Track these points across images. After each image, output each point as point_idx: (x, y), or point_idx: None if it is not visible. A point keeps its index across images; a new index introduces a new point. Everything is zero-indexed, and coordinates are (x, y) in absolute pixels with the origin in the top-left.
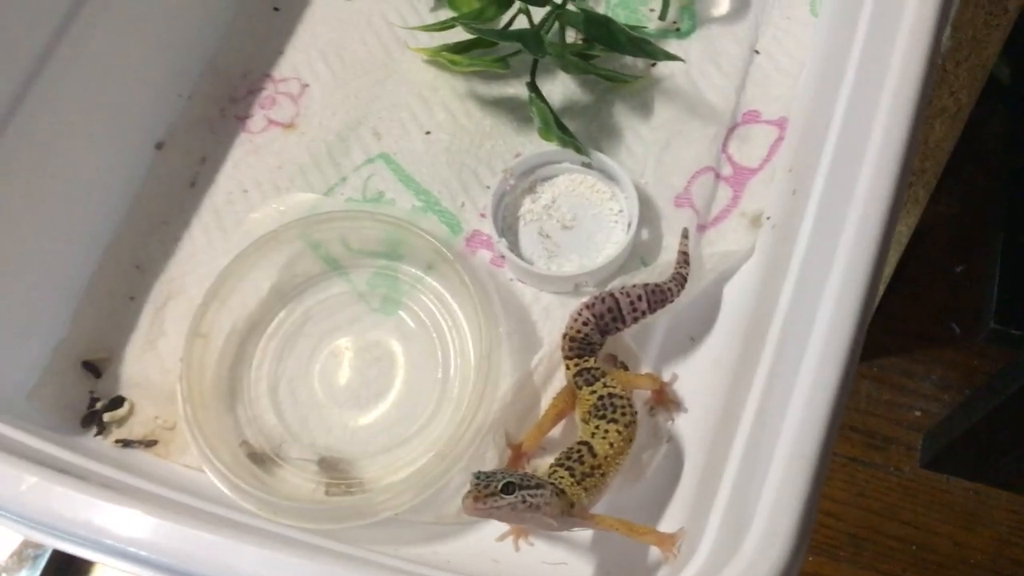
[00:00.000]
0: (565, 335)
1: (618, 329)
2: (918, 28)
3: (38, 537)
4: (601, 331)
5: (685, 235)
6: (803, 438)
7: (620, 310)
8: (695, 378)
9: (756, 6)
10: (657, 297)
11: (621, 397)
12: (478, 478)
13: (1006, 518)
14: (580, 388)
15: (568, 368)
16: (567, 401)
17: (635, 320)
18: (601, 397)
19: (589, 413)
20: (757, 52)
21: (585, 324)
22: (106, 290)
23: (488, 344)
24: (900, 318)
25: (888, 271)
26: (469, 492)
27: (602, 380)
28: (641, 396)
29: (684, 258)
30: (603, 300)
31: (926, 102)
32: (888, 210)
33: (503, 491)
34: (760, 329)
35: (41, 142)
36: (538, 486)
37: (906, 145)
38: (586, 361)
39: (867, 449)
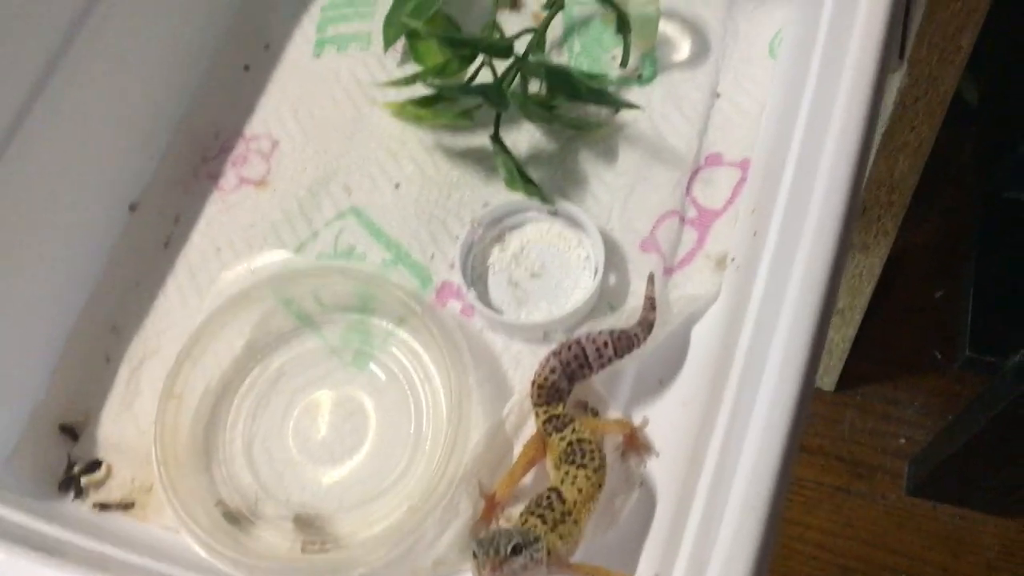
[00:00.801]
0: (534, 383)
1: (585, 376)
2: (861, 66)
3: None
4: (569, 378)
5: (651, 280)
6: (755, 485)
7: (587, 357)
8: (665, 421)
9: (716, 50)
10: (624, 343)
11: (590, 442)
12: (482, 546)
13: (993, 543)
14: (550, 435)
15: (537, 415)
16: (538, 448)
17: (602, 366)
18: (570, 443)
19: (559, 459)
20: (718, 95)
21: (552, 371)
22: (82, 352)
23: (459, 395)
24: (882, 346)
25: (864, 301)
26: (484, 562)
27: (571, 426)
28: (613, 441)
29: (650, 303)
30: (570, 347)
31: (871, 138)
32: (835, 247)
33: (513, 553)
34: (723, 371)
35: (14, 205)
36: (535, 539)
37: (851, 179)
38: (555, 408)
39: (853, 478)
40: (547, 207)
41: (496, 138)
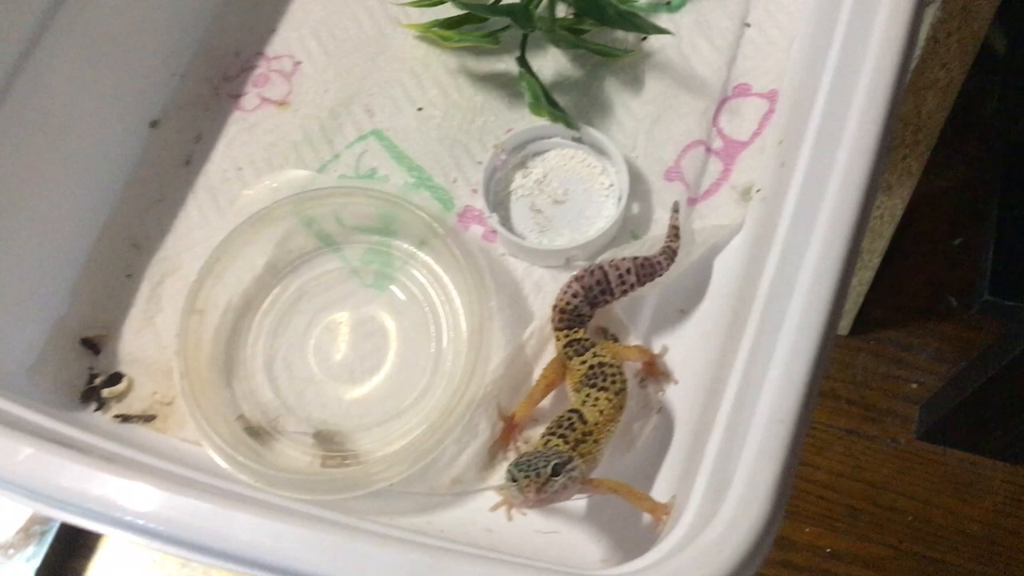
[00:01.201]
0: (555, 307)
1: (607, 302)
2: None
3: (39, 508)
4: (591, 303)
5: (675, 209)
6: (781, 403)
7: (609, 283)
8: (685, 350)
9: None
10: (646, 270)
11: (611, 366)
12: (521, 469)
13: (1002, 488)
14: (571, 359)
15: (558, 339)
16: (557, 372)
17: (624, 293)
18: (592, 367)
19: (580, 382)
20: (748, 25)
21: (575, 296)
22: (103, 268)
23: (480, 318)
24: (897, 291)
25: (883, 244)
26: (526, 486)
27: (592, 350)
28: (632, 368)
29: (674, 232)
30: (592, 273)
31: (905, 73)
32: (867, 180)
33: (553, 474)
34: (746, 301)
35: (35, 122)
36: (569, 459)
37: (885, 114)
38: (576, 332)
39: (864, 422)
40: (571, 133)
41: (522, 60)
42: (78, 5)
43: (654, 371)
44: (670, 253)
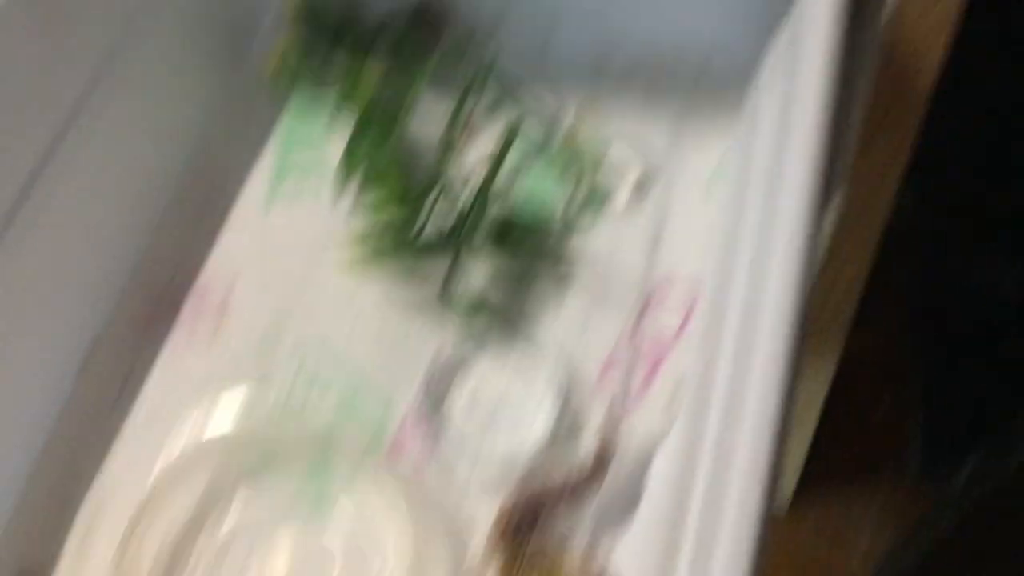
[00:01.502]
0: (494, 528)
1: (544, 517)
2: (798, 198)
3: None
4: (529, 521)
5: (607, 414)
6: None
7: (545, 499)
8: (628, 553)
9: (663, 177)
10: (582, 483)
11: None
12: None
13: None
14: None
15: (498, 561)
16: None
17: (560, 511)
18: None
19: None
20: (664, 228)
21: (512, 516)
22: (34, 513)
23: (416, 548)
24: (831, 461)
25: (815, 414)
26: None
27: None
28: None
29: (607, 438)
30: (527, 491)
31: (811, 269)
32: (785, 375)
33: None
34: (684, 501)
35: None
36: None
37: (795, 312)
38: (518, 548)
39: None
40: (501, 349)
41: (447, 287)
42: (15, 246)
43: None
44: (604, 461)
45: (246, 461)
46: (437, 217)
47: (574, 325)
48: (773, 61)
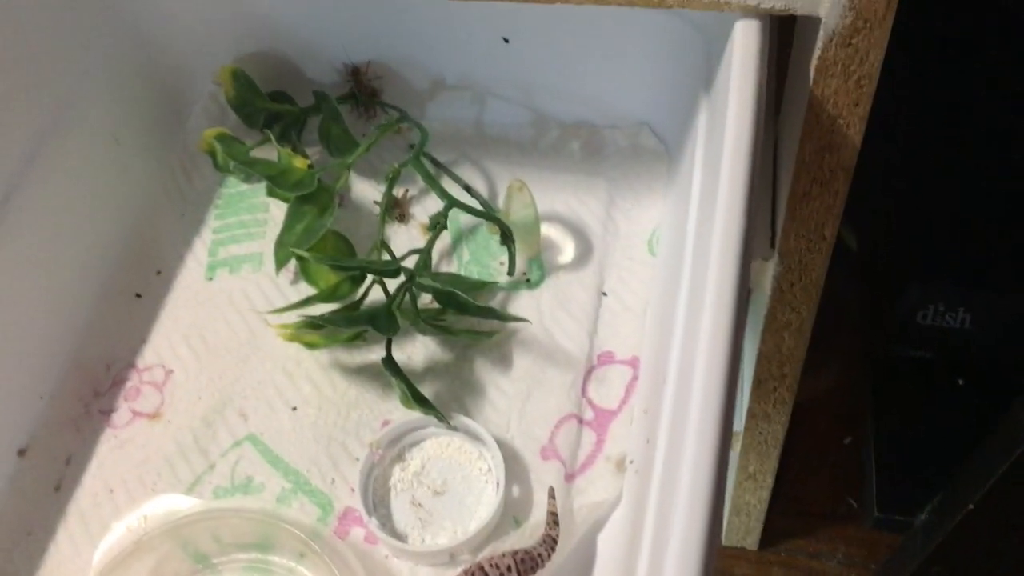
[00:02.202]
0: None
1: None
2: (724, 261)
3: None
4: None
5: (552, 495)
6: None
7: None
8: None
9: (599, 250)
10: (528, 564)
11: None
12: None
13: None
14: None
15: None
16: None
17: None
18: None
19: None
20: (605, 294)
21: None
22: None
23: None
24: (798, 499)
25: (772, 464)
26: None
27: None
28: None
29: (553, 519)
30: (473, 574)
31: (739, 333)
32: (715, 450)
33: None
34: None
35: None
36: None
37: (725, 378)
38: None
39: None
40: (445, 424)
41: (388, 361)
42: None
43: None
44: (550, 542)
45: (191, 544)
46: (375, 289)
47: (517, 401)
48: (701, 124)
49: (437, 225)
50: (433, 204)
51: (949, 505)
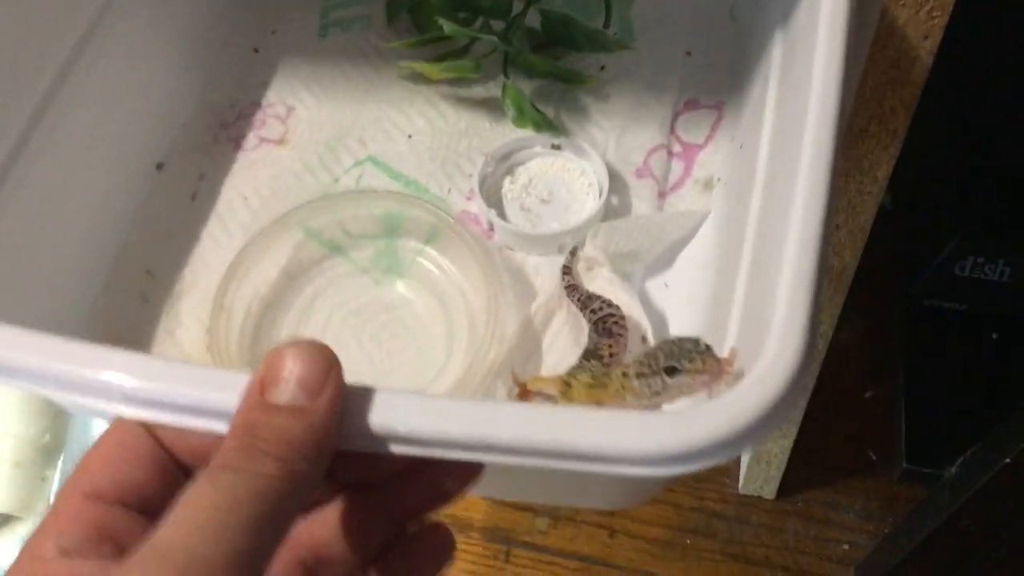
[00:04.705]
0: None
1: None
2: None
3: None
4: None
5: (572, 252)
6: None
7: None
8: (675, 320)
9: (686, 11)
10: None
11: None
12: (684, 354)
13: None
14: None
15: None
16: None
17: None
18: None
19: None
20: (688, 54)
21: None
22: (120, 294)
23: (492, 293)
24: (817, 450)
25: (799, 413)
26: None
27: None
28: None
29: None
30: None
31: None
32: (831, 154)
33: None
34: (732, 264)
35: (52, 167)
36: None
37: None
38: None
39: None
40: (552, 141)
41: (506, 73)
42: (89, 66)
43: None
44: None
45: (323, 234)
46: (488, 25)
47: (613, 134)
48: None
49: None
50: None
51: (983, 458)
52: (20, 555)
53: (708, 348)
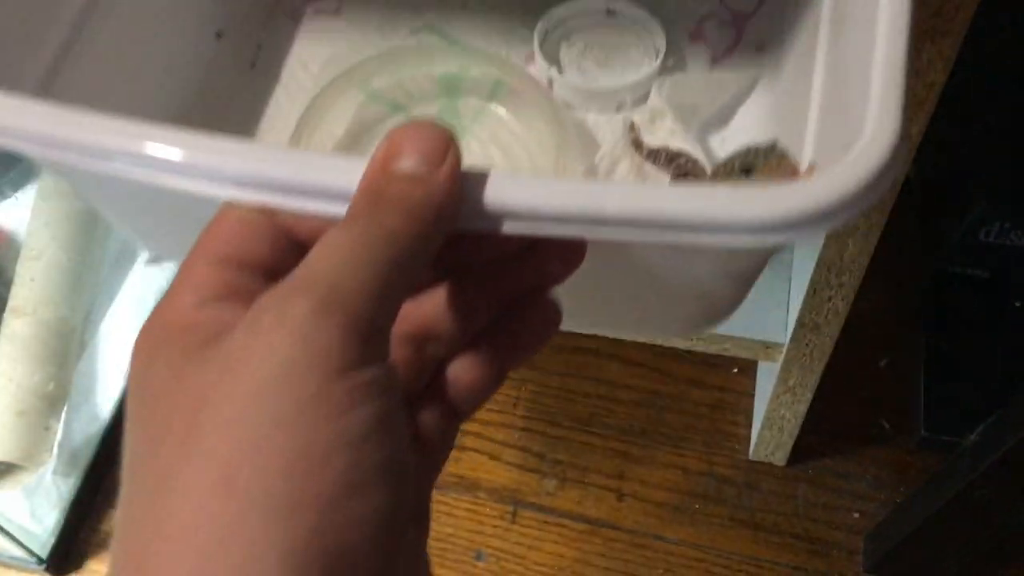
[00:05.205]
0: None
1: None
2: None
3: None
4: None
5: (632, 128)
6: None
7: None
8: None
9: None
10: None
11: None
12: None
13: None
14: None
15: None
16: None
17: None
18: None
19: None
20: None
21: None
22: None
23: (559, 142)
24: (830, 418)
25: (815, 379)
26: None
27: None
28: None
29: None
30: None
31: None
32: None
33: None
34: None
35: (116, 33)
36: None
37: None
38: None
39: (810, 556)
40: (608, 6)
41: None
42: None
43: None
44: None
45: (384, 95)
46: None
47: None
48: None
49: None
50: None
51: (1005, 426)
52: (154, 311)
53: (785, 152)
